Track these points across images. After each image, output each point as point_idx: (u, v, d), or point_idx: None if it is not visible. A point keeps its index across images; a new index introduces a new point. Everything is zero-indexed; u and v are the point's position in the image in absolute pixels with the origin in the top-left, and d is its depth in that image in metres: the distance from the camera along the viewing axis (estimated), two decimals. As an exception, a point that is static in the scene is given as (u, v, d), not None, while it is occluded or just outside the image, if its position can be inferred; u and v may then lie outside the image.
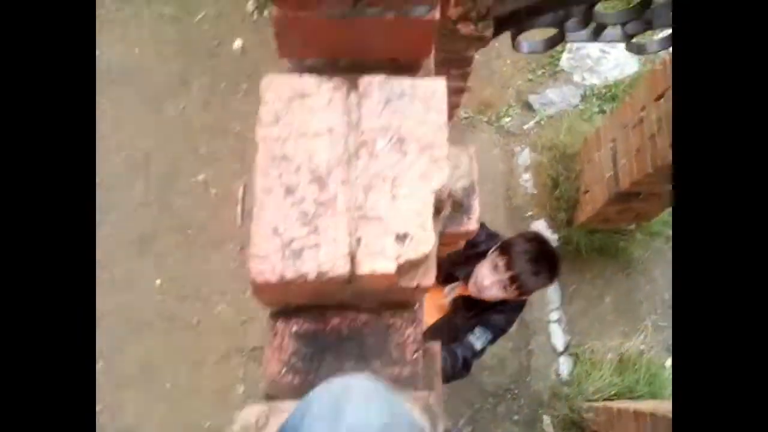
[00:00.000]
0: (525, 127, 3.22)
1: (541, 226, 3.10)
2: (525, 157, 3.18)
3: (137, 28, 3.36)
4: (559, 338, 3.09)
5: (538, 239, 1.96)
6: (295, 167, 0.90)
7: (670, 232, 3.20)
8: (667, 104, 2.18)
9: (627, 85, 3.24)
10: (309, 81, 0.94)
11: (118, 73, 3.22)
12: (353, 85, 0.95)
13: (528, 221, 3.13)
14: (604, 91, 3.25)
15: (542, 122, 3.22)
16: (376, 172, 0.89)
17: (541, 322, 3.06)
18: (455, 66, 1.59)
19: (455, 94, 1.74)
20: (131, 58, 3.31)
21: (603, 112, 3.20)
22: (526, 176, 3.16)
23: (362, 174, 0.89)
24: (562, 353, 3.07)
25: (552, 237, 3.07)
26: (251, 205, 0.84)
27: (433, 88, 0.95)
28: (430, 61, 1.16)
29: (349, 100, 0.95)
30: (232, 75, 3.32)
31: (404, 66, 1.07)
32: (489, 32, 1.39)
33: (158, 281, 2.98)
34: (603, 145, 2.71)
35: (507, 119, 3.21)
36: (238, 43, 3.34)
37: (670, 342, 3.09)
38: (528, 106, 3.22)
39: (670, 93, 2.16)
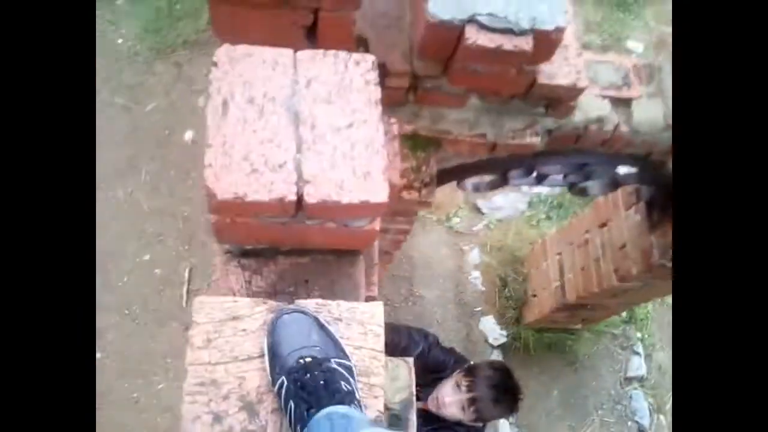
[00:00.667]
0: (474, 228, 3.27)
1: (490, 322, 3.11)
2: (474, 256, 3.21)
3: (86, 113, 3.29)
4: (507, 434, 3.07)
5: (504, 370, 2.01)
6: (224, 394, 0.92)
7: (616, 331, 3.28)
8: (609, 233, 2.26)
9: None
10: (242, 303, 0.96)
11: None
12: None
13: (477, 316, 3.14)
14: (550, 198, 3.34)
15: (491, 225, 3.28)
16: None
17: (488, 420, 3.04)
18: (401, 215, 1.61)
19: (401, 233, 1.75)
20: (78, 143, 3.24)
21: (549, 218, 3.28)
22: (476, 273, 3.19)
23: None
24: (511, 448, 3.06)
25: (501, 333, 3.10)
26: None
27: (371, 312, 0.97)
28: (373, 249, 1.17)
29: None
30: (182, 164, 3.28)
31: (345, 252, 1.07)
32: (432, 198, 1.42)
33: (99, 355, 2.87)
34: (549, 256, 2.77)
35: (456, 220, 3.25)
36: (189, 135, 3.32)
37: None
38: (477, 209, 3.28)
39: (612, 223, 2.24)
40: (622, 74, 1.64)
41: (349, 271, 1.02)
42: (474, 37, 1.11)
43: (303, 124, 0.86)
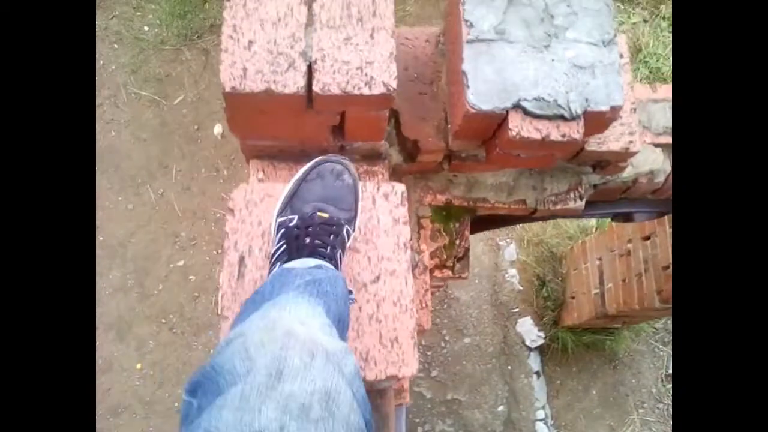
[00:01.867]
0: (511, 222, 3.16)
1: (527, 324, 3.06)
2: (511, 252, 3.12)
3: (114, 110, 3.26)
4: (545, 436, 3.07)
5: None
6: None
7: (657, 326, 3.19)
8: (653, 250, 2.14)
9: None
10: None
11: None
12: None
13: (514, 318, 3.08)
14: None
15: (529, 218, 3.17)
16: None
17: (527, 421, 3.03)
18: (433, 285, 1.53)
19: (436, 287, 1.67)
20: (108, 141, 3.22)
21: (590, 210, 3.14)
22: (513, 272, 3.11)
23: None
24: (548, 451, 3.06)
25: (538, 335, 3.04)
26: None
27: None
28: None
29: None
30: (212, 161, 3.23)
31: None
32: (467, 272, 1.33)
33: (138, 365, 2.94)
34: (589, 259, 2.67)
35: (493, 214, 3.14)
36: (218, 129, 3.25)
37: (657, 436, 3.11)
38: (515, 203, 3.16)
39: (656, 238, 2.13)
40: (678, 110, 1.50)
41: (378, 403, 0.96)
42: (518, 127, 1.00)
43: (329, 288, 0.79)
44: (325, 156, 0.88)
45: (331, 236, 0.79)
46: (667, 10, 3.64)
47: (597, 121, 1.05)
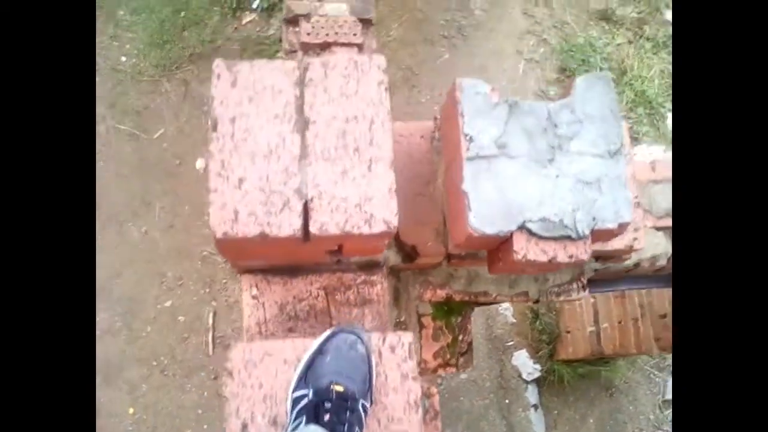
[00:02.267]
0: (504, 255, 3.13)
1: (523, 357, 3.03)
2: (504, 284, 3.09)
3: (93, 146, 3.16)
4: (542, 467, 3.05)
5: None
6: None
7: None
8: (648, 297, 2.12)
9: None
10: None
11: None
12: None
13: (510, 351, 3.06)
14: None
15: (521, 250, 3.13)
16: None
17: (523, 454, 3.02)
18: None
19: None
20: (88, 179, 3.13)
21: (583, 241, 3.12)
22: (506, 304, 3.08)
23: None
24: (546, 483, 3.04)
25: (534, 367, 3.02)
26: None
27: None
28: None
29: None
30: (195, 196, 3.15)
31: None
32: (472, 365, 1.29)
33: (131, 410, 2.87)
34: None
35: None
36: (200, 163, 3.17)
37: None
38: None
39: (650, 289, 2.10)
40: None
41: None
42: (523, 249, 0.95)
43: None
44: (337, 327, 0.85)
45: (347, 412, 0.77)
46: (650, 30, 3.61)
47: (604, 236, 1.00)
